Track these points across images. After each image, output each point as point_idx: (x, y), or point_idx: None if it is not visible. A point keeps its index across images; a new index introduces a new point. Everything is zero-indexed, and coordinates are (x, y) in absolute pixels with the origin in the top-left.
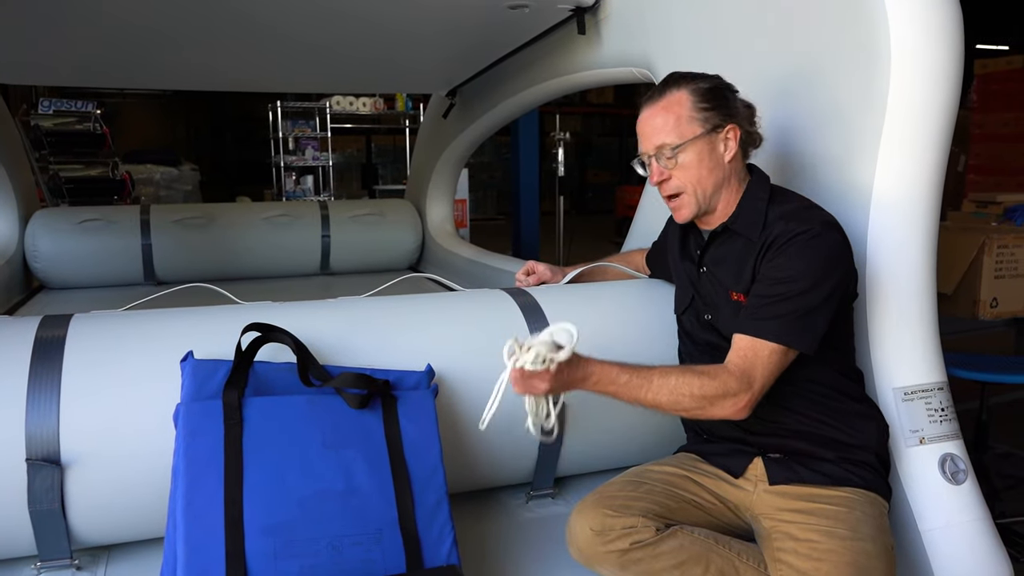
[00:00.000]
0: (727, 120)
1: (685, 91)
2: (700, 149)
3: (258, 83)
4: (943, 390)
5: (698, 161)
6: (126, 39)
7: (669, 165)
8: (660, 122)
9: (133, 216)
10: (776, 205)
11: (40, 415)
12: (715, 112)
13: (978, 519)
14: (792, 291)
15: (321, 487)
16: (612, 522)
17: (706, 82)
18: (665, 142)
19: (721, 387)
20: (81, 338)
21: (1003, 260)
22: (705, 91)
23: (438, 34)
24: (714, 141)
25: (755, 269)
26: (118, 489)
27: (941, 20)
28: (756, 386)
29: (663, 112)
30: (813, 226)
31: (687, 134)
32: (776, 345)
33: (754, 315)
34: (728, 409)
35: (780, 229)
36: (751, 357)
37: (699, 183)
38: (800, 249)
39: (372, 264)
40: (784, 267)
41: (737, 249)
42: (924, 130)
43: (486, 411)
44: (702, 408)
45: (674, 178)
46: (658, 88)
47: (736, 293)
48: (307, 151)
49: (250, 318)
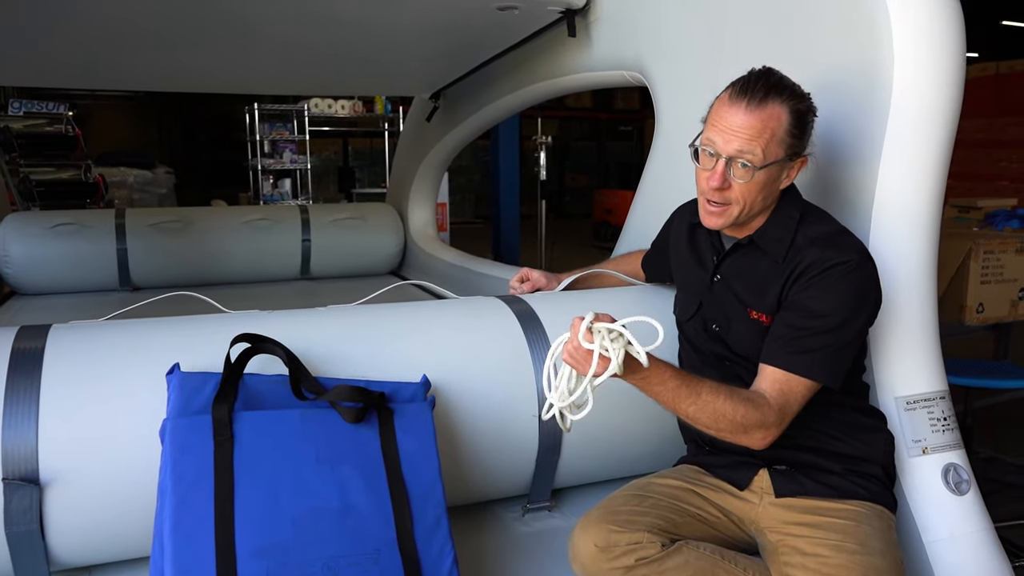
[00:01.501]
0: (802, 152)
1: (786, 108)
2: (772, 173)
3: (239, 85)
4: (945, 399)
5: (764, 184)
6: (106, 39)
7: (738, 177)
8: (755, 130)
9: (108, 220)
10: (807, 226)
11: (17, 432)
12: (799, 141)
13: (981, 530)
14: (827, 326)
15: (316, 505)
16: (617, 538)
17: (803, 104)
18: (750, 153)
19: (761, 419)
20: (61, 350)
21: (989, 266)
22: (800, 115)
23: (424, 36)
24: (784, 168)
25: (783, 293)
26: (100, 508)
27: (944, 26)
28: (787, 419)
29: (761, 121)
30: (851, 257)
31: (771, 156)
32: (808, 380)
33: (788, 347)
34: (757, 440)
35: (814, 257)
36: (786, 392)
37: (752, 203)
38: (837, 282)
39: (353, 269)
40: (820, 300)
41: (761, 266)
42: (927, 138)
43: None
44: (735, 434)
45: (734, 189)
46: (759, 86)
47: (757, 312)
48: (285, 154)
49: (238, 328)
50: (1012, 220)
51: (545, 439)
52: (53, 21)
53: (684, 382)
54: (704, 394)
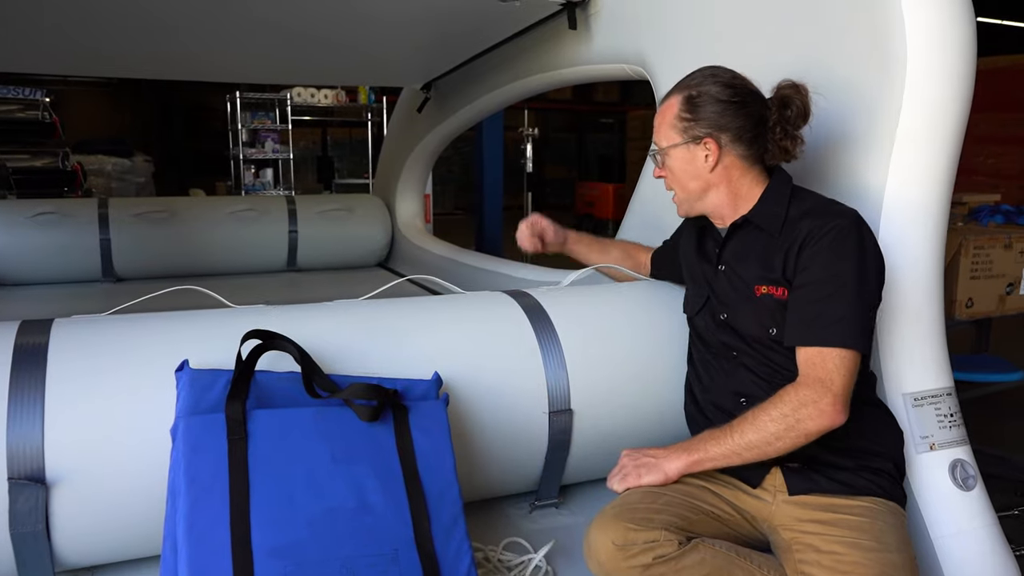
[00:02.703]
0: (708, 133)
1: (680, 96)
2: (681, 157)
3: (224, 72)
4: (951, 395)
5: (679, 168)
6: (84, 21)
7: (659, 164)
8: (656, 123)
9: (91, 210)
10: (798, 201)
11: (23, 430)
12: (695, 124)
13: (988, 525)
14: (844, 288)
15: (332, 505)
16: (634, 536)
17: (697, 88)
18: (655, 143)
19: (797, 399)
20: (65, 345)
21: (979, 261)
22: (689, 100)
23: (420, 24)
24: (694, 151)
25: (786, 264)
26: (106, 508)
27: (957, 22)
28: (836, 387)
29: (659, 114)
30: (844, 219)
31: (668, 140)
32: (842, 350)
33: (815, 323)
34: (816, 417)
35: (810, 225)
36: (819, 363)
37: (682, 187)
38: (838, 243)
39: (340, 261)
40: (826, 265)
41: (760, 242)
42: (937, 134)
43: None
44: (791, 427)
45: (667, 178)
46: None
47: (765, 286)
48: (267, 143)
49: (244, 323)
50: (996, 215)
51: (555, 436)
52: (27, 2)
53: (712, 431)
54: (735, 424)
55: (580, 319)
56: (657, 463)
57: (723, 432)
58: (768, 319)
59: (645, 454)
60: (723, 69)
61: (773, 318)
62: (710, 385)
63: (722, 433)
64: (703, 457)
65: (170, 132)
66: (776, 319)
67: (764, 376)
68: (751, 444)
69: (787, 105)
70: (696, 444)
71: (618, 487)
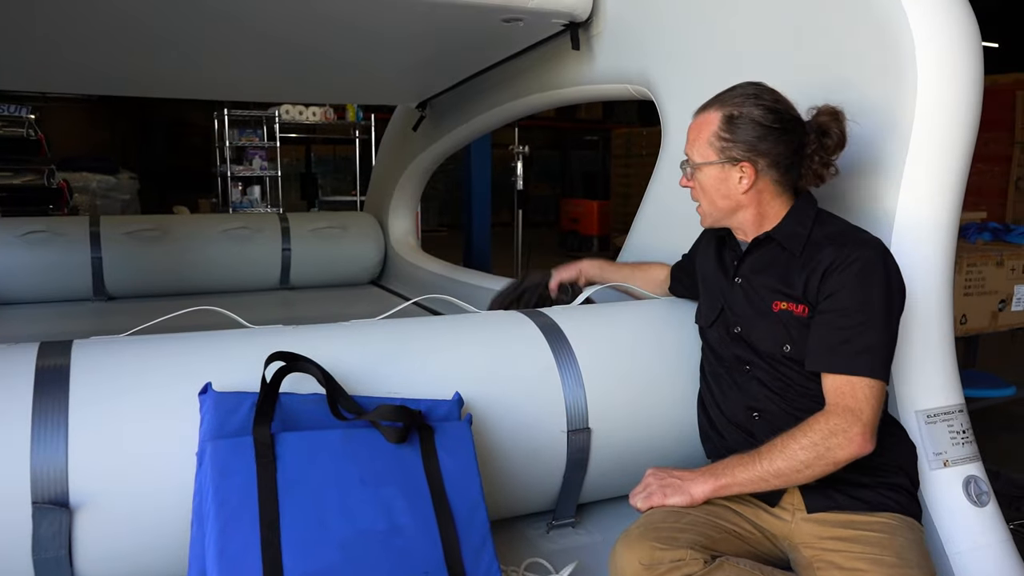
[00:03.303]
0: (746, 157)
1: (719, 113)
2: (714, 175)
3: (214, 90)
4: (963, 412)
5: (710, 185)
6: (77, 38)
7: (687, 176)
8: (692, 135)
9: (82, 228)
10: (821, 224)
11: (47, 454)
12: (733, 145)
13: (1002, 540)
14: (872, 319)
15: (362, 528)
16: (661, 555)
17: (740, 108)
18: (690, 156)
19: (827, 428)
20: (86, 367)
21: (972, 278)
22: (730, 118)
23: (419, 44)
24: (728, 171)
25: (807, 285)
26: (131, 532)
27: (966, 45)
28: (865, 416)
29: (696, 127)
30: (870, 249)
31: (703, 157)
32: (871, 380)
33: (843, 351)
34: (846, 446)
35: (833, 255)
36: (848, 392)
37: (711, 203)
38: (864, 274)
39: (333, 279)
40: (852, 294)
41: (780, 259)
42: (948, 156)
43: None
44: (821, 455)
45: (695, 191)
46: (714, 97)
47: (784, 302)
48: (255, 161)
49: (263, 343)
50: (984, 233)
51: (573, 454)
52: (16, 18)
53: (740, 456)
54: (763, 450)
55: (596, 337)
56: (683, 485)
57: (751, 458)
58: (783, 335)
59: (671, 474)
60: (766, 89)
61: (788, 334)
62: (722, 399)
63: (750, 459)
64: (730, 482)
65: (150, 149)
66: (792, 336)
67: (777, 390)
68: (779, 472)
69: (826, 133)
70: (723, 469)
71: (642, 505)
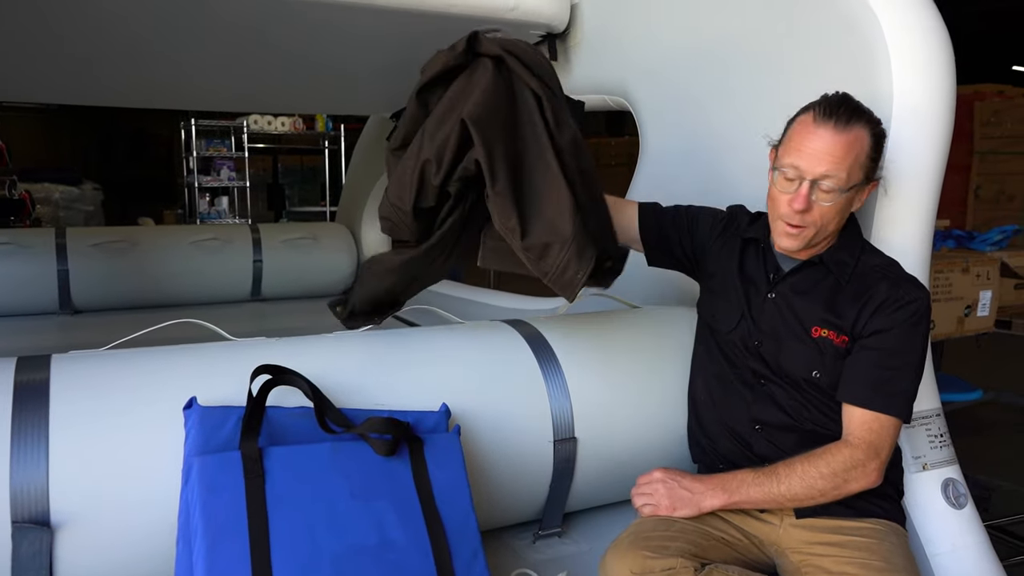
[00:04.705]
0: (874, 176)
1: (867, 131)
2: (851, 197)
3: (191, 100)
4: (940, 416)
5: (844, 206)
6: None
7: (822, 200)
8: (841, 152)
9: (48, 240)
10: (867, 255)
11: (27, 472)
12: (876, 165)
13: (980, 542)
14: (911, 365)
15: (354, 542)
16: (652, 564)
17: (879, 128)
18: (836, 176)
19: (848, 460)
20: (67, 382)
21: (939, 285)
22: (878, 139)
23: (395, 53)
24: (859, 192)
25: (858, 319)
26: (114, 551)
27: (940, 67)
28: (883, 454)
29: (847, 143)
30: (922, 296)
31: (854, 179)
32: (898, 420)
33: (880, 389)
34: (862, 479)
35: (890, 291)
36: (877, 430)
37: (827, 224)
38: (915, 320)
39: (306, 290)
40: (901, 339)
41: (826, 285)
42: (922, 166)
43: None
44: (838, 486)
45: (814, 212)
46: (843, 109)
47: (825, 330)
48: (223, 171)
49: (246, 356)
50: (948, 240)
51: (559, 464)
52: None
53: (758, 472)
54: (781, 470)
55: (581, 347)
56: (693, 499)
57: (766, 478)
58: (816, 361)
59: (681, 484)
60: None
61: (822, 362)
62: (724, 404)
63: (766, 479)
64: (742, 500)
65: (111, 159)
66: (825, 364)
67: (789, 410)
68: (795, 496)
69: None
70: (737, 486)
71: (647, 513)
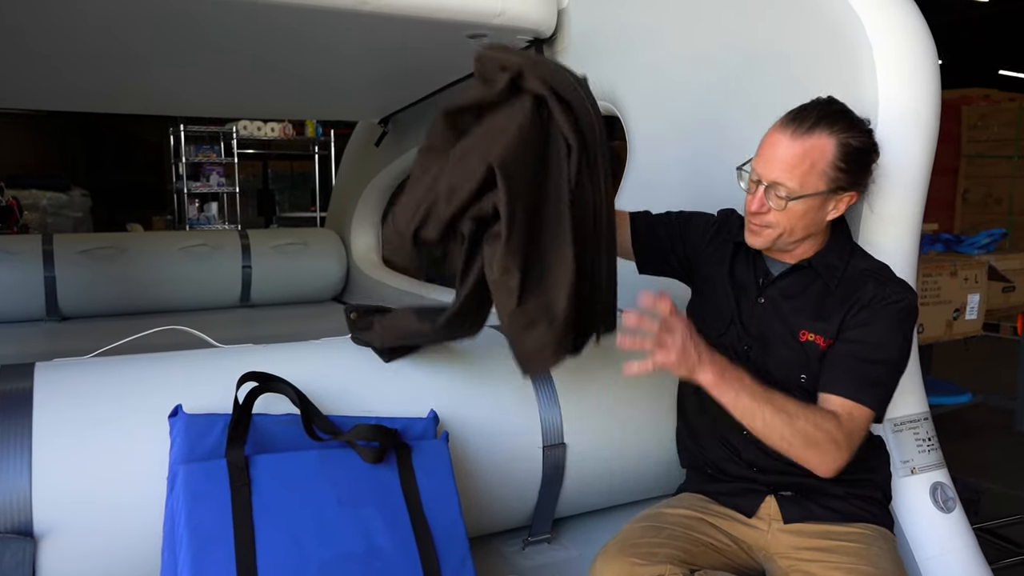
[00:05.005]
0: (852, 187)
1: (833, 140)
2: (812, 204)
3: (180, 106)
4: (928, 419)
5: (802, 213)
6: (30, 54)
7: (775, 205)
8: (791, 160)
9: (35, 246)
10: (857, 259)
11: (9, 481)
12: (847, 176)
13: (969, 545)
14: (891, 362)
15: (341, 550)
16: (640, 571)
17: (857, 138)
18: (784, 184)
19: (834, 433)
20: (50, 391)
21: (928, 288)
22: (850, 149)
23: (382, 60)
24: (827, 201)
25: (844, 321)
26: (99, 561)
27: (925, 73)
28: (853, 444)
29: (801, 152)
30: (909, 296)
31: (808, 188)
32: (870, 412)
33: (857, 380)
34: (826, 460)
35: (875, 291)
36: (855, 417)
37: (791, 229)
38: (899, 319)
39: (295, 296)
40: (884, 335)
41: (815, 289)
42: (908, 172)
43: None
44: (806, 447)
45: (772, 215)
46: (809, 116)
47: (812, 334)
48: (212, 177)
49: (232, 363)
50: (936, 244)
51: (548, 470)
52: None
53: (757, 384)
54: (777, 395)
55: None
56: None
57: (761, 395)
58: (803, 365)
59: (696, 346)
60: (851, 112)
61: (808, 365)
62: (712, 408)
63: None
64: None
65: (98, 165)
66: (811, 367)
67: None
68: (768, 428)
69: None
70: (733, 381)
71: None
